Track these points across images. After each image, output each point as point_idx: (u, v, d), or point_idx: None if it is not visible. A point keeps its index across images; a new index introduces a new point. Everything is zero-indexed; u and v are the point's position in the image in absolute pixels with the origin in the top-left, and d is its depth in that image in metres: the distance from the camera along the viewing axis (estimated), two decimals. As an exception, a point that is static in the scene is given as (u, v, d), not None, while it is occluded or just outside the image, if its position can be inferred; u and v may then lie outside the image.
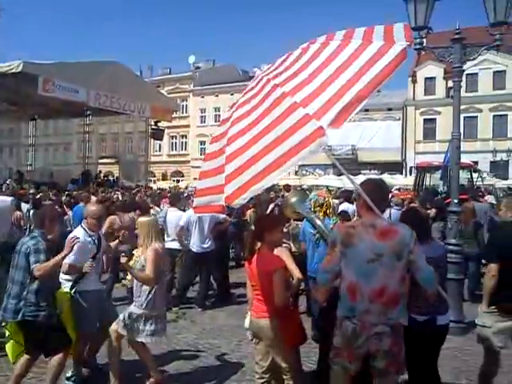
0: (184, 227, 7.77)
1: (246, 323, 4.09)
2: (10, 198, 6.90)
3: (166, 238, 7.66)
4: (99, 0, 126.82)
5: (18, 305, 4.22)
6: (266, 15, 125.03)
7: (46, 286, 4.29)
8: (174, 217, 8.10)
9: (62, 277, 4.76)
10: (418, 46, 7.03)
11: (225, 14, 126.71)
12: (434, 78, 37.14)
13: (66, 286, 4.77)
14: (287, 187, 16.56)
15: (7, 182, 19.05)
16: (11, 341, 4.44)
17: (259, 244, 3.79)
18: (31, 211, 10.98)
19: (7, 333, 4.44)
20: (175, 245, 7.91)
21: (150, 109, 22.98)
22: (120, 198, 13.93)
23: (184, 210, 8.57)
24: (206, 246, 7.82)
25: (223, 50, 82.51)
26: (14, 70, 16.06)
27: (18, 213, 10.30)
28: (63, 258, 4.21)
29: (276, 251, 3.80)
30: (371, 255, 2.92)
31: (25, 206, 8.55)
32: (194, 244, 7.81)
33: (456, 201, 6.96)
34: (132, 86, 21.32)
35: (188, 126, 49.78)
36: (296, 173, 39.61)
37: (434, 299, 3.06)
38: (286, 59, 3.20)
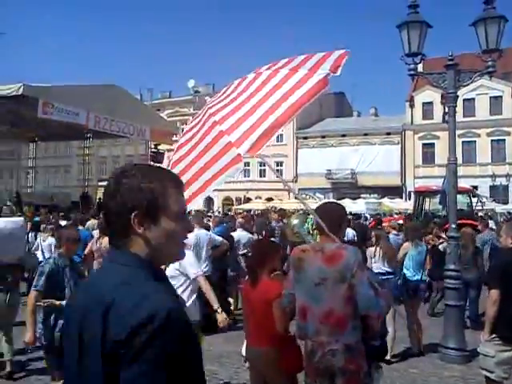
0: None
1: (243, 350, 4.00)
2: (20, 219, 6.82)
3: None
4: (100, 25, 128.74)
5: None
6: (265, 40, 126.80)
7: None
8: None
9: None
10: (412, 72, 7.09)
11: (224, 39, 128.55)
12: (432, 102, 37.40)
13: None
14: (282, 212, 16.76)
15: (7, 204, 19.01)
16: None
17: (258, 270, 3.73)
18: (30, 234, 10.97)
19: None
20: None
21: (149, 132, 23.07)
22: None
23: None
24: (203, 270, 7.71)
25: (222, 74, 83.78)
26: (14, 93, 16.18)
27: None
28: None
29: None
30: (317, 279, 3.05)
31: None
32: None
33: (454, 226, 6.90)
34: (131, 109, 21.41)
35: (188, 149, 49.94)
36: (295, 197, 39.62)
37: (377, 326, 3.03)
38: (228, 88, 3.41)
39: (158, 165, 1.60)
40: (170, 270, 4.81)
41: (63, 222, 12.26)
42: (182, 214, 1.42)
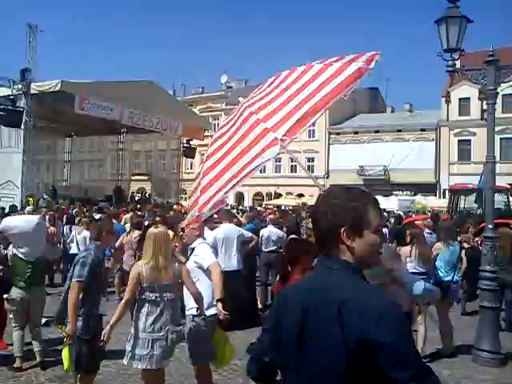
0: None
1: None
2: (36, 217, 6.73)
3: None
4: (133, 20, 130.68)
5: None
6: (299, 35, 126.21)
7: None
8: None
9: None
10: (450, 69, 6.89)
11: (257, 34, 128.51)
12: (469, 98, 36.31)
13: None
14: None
15: (44, 197, 19.56)
16: (67, 347, 4.34)
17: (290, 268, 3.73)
18: (65, 227, 11.25)
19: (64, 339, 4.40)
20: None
21: (182, 127, 23.27)
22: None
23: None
24: (233, 264, 7.73)
25: (255, 70, 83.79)
26: (52, 89, 16.62)
27: (53, 229, 10.54)
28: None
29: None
30: None
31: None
32: (221, 263, 7.74)
33: (491, 226, 6.71)
34: (165, 105, 21.65)
35: (219, 145, 50.17)
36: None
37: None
38: (263, 85, 3.49)
39: (355, 186, 1.81)
40: (189, 263, 4.83)
41: (97, 216, 12.55)
42: (379, 227, 1.66)
